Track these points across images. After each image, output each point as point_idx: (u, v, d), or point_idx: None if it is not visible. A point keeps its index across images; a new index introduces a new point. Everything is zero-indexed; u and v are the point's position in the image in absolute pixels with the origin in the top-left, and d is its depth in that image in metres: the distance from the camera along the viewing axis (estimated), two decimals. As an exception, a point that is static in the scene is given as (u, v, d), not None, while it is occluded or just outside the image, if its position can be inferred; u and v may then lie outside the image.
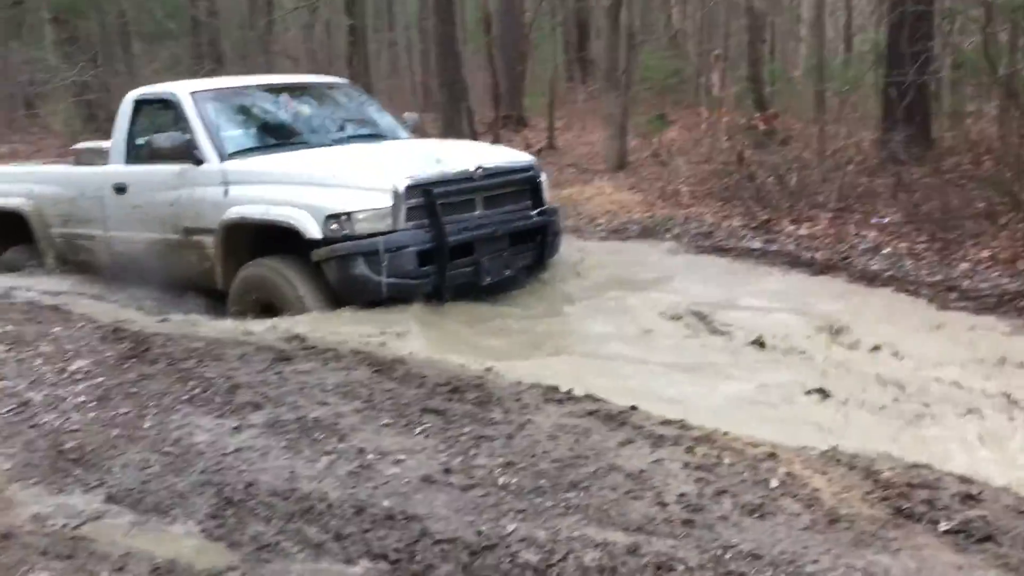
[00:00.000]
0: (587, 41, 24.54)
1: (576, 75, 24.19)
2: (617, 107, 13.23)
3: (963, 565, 2.95)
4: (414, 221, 6.10)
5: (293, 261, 6.22)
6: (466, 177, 6.42)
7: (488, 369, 4.83)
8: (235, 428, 4.08)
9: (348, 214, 5.97)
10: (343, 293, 6.08)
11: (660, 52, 21.94)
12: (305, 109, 7.53)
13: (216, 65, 17.30)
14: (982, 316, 5.86)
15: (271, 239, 6.34)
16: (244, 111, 7.37)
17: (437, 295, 6.19)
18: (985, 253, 7.08)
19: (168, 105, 7.10)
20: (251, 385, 4.52)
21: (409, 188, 6.08)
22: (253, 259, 6.42)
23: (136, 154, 7.24)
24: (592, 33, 24.25)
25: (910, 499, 3.36)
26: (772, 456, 3.75)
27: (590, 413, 4.19)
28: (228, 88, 7.51)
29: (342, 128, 7.60)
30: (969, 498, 3.37)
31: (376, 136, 7.61)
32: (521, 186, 6.81)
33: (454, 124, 14.24)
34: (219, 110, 7.06)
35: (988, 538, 3.08)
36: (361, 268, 5.95)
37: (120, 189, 7.21)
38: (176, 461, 3.79)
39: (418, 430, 4.01)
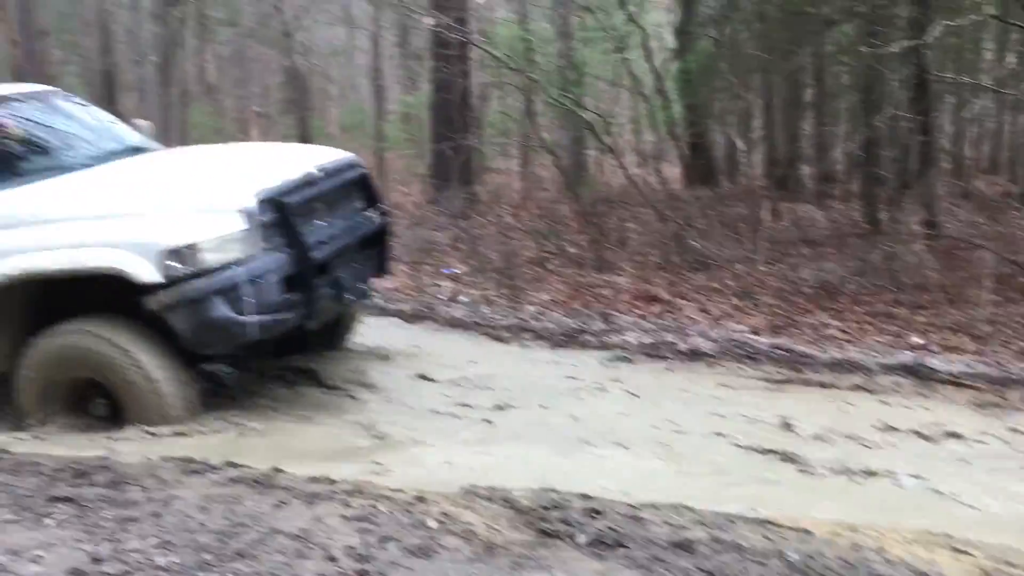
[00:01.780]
0: (115, 95, 23.32)
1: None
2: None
3: (605, 570, 3.42)
4: (267, 242, 5.03)
5: (120, 320, 4.97)
6: (309, 182, 5.46)
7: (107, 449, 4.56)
8: None
9: (192, 245, 4.79)
10: (198, 344, 4.95)
11: (200, 107, 21.71)
12: (34, 127, 6.01)
13: None
14: (557, 351, 6.71)
15: (49, 299, 5.08)
16: None
17: (306, 324, 5.32)
18: (545, 296, 8.04)
19: None
20: None
21: (261, 203, 5.01)
22: (34, 328, 5.05)
23: None
24: (118, 88, 23.13)
25: (548, 520, 3.81)
26: (421, 499, 4.01)
27: (234, 480, 4.15)
28: None
29: (92, 144, 6.16)
30: (594, 512, 3.90)
31: (136, 149, 6.26)
32: (355, 185, 6.01)
33: None
34: None
35: (619, 544, 3.59)
36: (221, 310, 4.81)
37: None
38: None
39: (49, 521, 3.70)
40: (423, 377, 6.15)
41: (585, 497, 4.05)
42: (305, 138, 17.19)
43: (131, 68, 23.06)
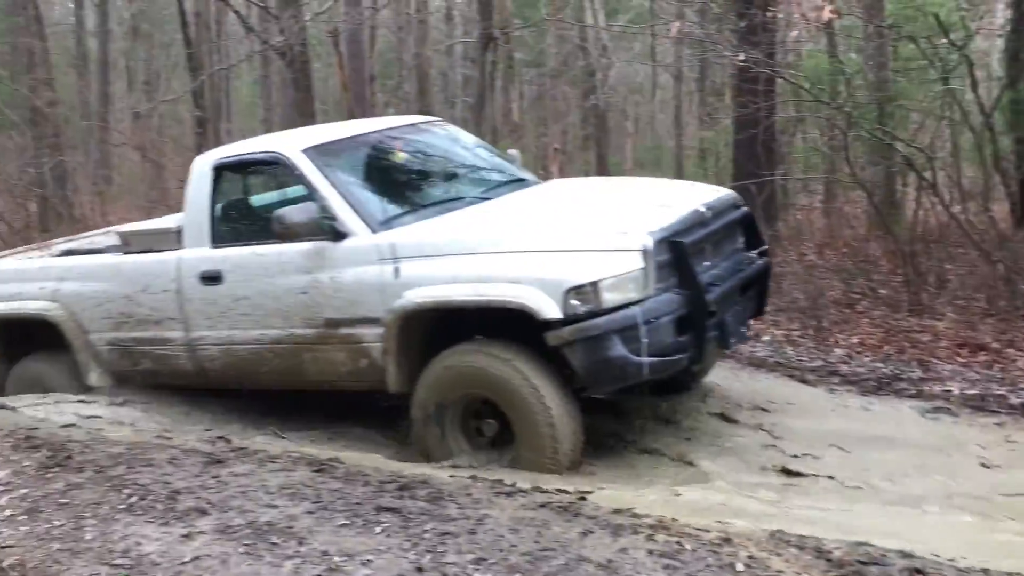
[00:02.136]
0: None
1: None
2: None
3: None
4: (661, 283, 5.05)
5: (519, 346, 5.15)
6: (700, 221, 5.42)
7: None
8: (184, 536, 3.91)
9: (594, 284, 4.88)
10: (592, 381, 5.07)
11: (505, 144, 22.76)
12: (430, 159, 6.40)
13: (58, 154, 16.65)
14: (868, 397, 6.34)
15: (452, 327, 5.35)
16: (366, 168, 6.16)
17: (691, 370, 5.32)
18: (854, 339, 7.66)
19: (267, 169, 6.12)
20: (190, 490, 4.34)
21: (657, 243, 5.01)
22: (429, 353, 5.34)
23: (227, 233, 6.00)
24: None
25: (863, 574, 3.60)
26: (727, 540, 3.93)
27: (542, 505, 4.26)
28: (335, 142, 6.16)
29: (481, 176, 6.46)
30: (917, 572, 3.64)
31: (520, 180, 6.43)
32: (739, 224, 5.89)
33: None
34: (343, 169, 5.84)
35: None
36: (618, 349, 4.87)
37: (211, 279, 5.90)
38: (132, 574, 3.60)
39: (378, 529, 3.96)
40: (725, 417, 6.04)
41: (906, 555, 3.80)
42: (602, 173, 17.53)
43: (444, 109, 24.73)
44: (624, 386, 5.15)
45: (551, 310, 4.87)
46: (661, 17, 15.47)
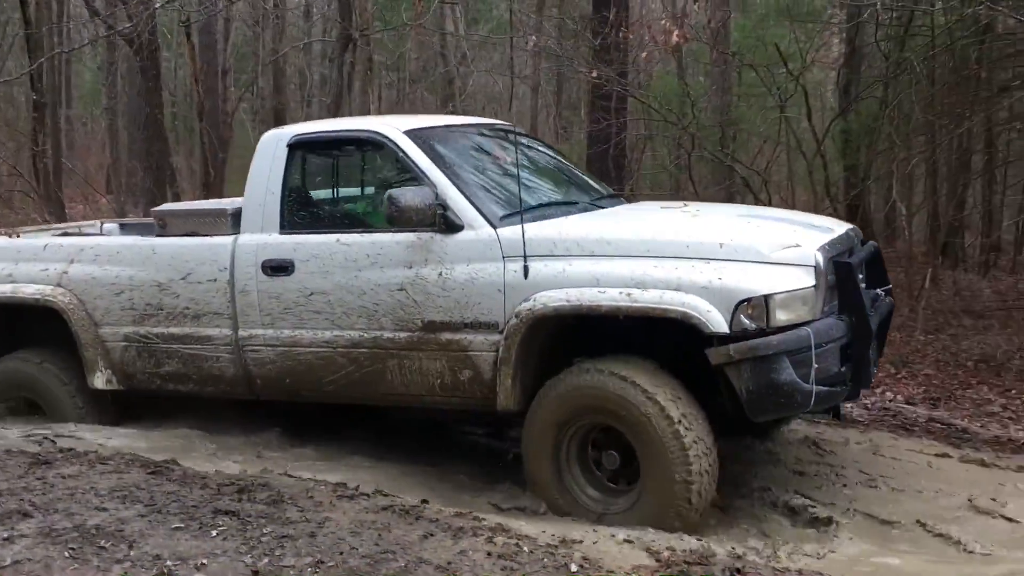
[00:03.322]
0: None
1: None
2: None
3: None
4: (826, 305, 4.53)
5: (648, 364, 4.57)
6: (851, 246, 4.96)
7: (264, 469, 4.78)
8: (4, 539, 3.74)
9: (767, 298, 4.30)
10: (755, 408, 4.38)
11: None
12: (526, 161, 5.69)
13: None
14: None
15: (575, 336, 4.77)
16: (469, 160, 5.40)
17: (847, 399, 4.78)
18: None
19: (355, 151, 5.50)
20: (12, 492, 4.15)
21: (827, 261, 4.52)
22: (544, 368, 4.72)
23: (301, 219, 5.31)
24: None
25: (688, 573, 3.77)
26: (564, 542, 4.05)
27: (384, 508, 4.28)
28: (433, 128, 5.48)
29: (583, 184, 5.98)
30: (738, 572, 3.83)
31: (615, 196, 6.01)
32: (872, 260, 5.31)
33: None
34: (451, 157, 5.16)
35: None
36: (789, 373, 4.27)
37: (279, 268, 5.16)
38: (-56, 580, 3.42)
39: (214, 532, 3.89)
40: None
41: (733, 556, 4.00)
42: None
43: (300, 107, 24.29)
44: (787, 415, 4.74)
45: (718, 323, 4.29)
46: (520, 29, 15.70)
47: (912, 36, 10.53)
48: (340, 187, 5.99)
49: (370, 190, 5.75)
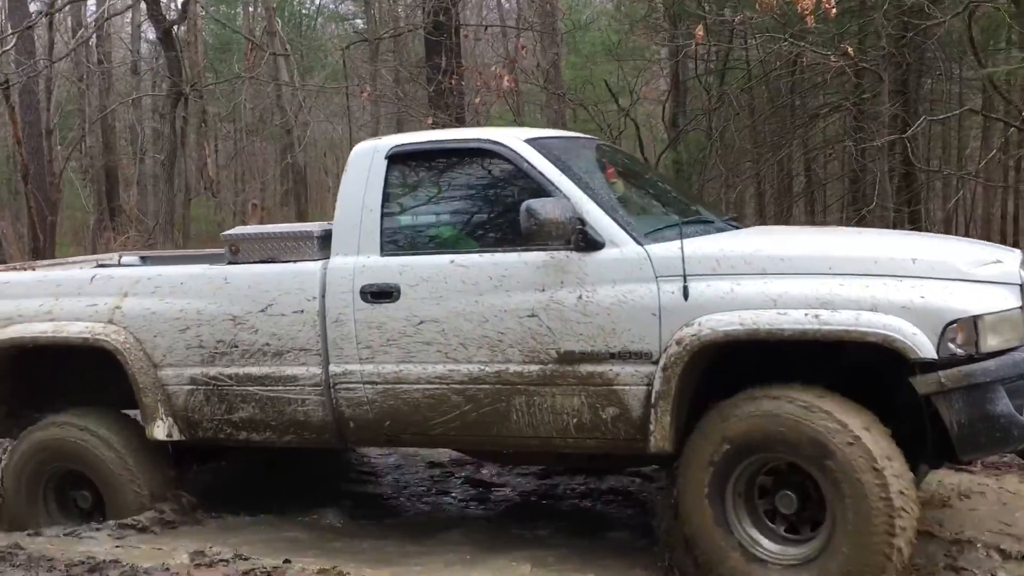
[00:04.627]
0: (116, 191, 23.67)
1: (111, 225, 23.27)
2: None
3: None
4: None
5: (837, 396, 3.96)
6: None
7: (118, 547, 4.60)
8: None
9: (977, 319, 3.80)
10: (967, 444, 3.82)
11: (201, 201, 22.09)
12: (642, 175, 5.28)
13: None
14: None
15: (732, 365, 4.19)
16: (591, 172, 4.79)
17: None
18: None
19: (465, 163, 4.79)
20: None
21: None
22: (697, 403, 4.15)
23: (404, 240, 4.68)
24: (121, 184, 23.51)
25: None
26: None
27: (245, 573, 4.21)
28: (547, 138, 4.90)
29: (699, 204, 5.49)
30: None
31: (734, 219, 5.58)
32: None
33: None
34: (576, 168, 4.54)
35: None
36: (1005, 404, 3.77)
37: (381, 294, 4.52)
38: None
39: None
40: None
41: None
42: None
43: (133, 163, 23.56)
44: (1000, 451, 4.25)
45: (925, 348, 3.76)
46: (356, 77, 15.76)
47: (730, 69, 11.16)
48: (445, 203, 5.02)
49: (481, 206, 4.90)
